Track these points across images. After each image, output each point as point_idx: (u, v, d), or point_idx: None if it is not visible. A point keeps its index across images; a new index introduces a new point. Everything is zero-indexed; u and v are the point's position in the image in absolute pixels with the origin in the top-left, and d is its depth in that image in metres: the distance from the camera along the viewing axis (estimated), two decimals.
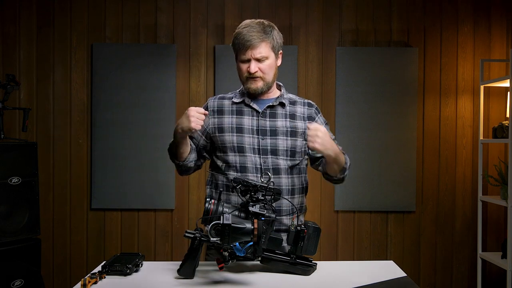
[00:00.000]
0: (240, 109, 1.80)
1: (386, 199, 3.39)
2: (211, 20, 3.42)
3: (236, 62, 1.79)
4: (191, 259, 1.48)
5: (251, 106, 1.78)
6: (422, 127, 3.45)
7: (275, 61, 1.78)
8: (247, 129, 1.76)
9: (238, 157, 1.74)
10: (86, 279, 1.40)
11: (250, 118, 1.77)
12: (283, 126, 1.77)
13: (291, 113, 1.81)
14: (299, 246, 1.52)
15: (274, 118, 1.78)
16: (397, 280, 1.51)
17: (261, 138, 1.75)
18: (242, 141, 1.75)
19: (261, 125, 1.76)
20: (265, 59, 1.72)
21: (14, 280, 2.73)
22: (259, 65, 1.72)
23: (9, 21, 3.37)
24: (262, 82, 1.75)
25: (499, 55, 3.45)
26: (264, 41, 1.71)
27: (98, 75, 3.36)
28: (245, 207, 1.49)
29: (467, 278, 3.47)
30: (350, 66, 3.39)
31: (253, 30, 1.70)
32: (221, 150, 1.79)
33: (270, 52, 1.73)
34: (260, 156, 1.74)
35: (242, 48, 1.71)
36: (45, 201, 3.35)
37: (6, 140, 2.89)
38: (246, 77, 1.75)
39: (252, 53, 1.70)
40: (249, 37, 1.69)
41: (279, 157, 1.75)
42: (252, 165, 1.73)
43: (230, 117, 1.79)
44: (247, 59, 1.72)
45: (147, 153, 3.35)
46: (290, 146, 1.77)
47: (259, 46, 1.70)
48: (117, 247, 3.39)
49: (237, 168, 1.74)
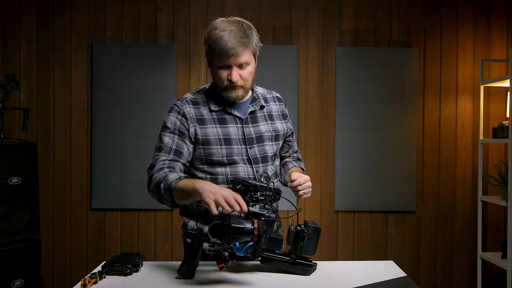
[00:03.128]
0: (221, 117, 1.66)
1: (386, 199, 3.39)
2: (211, 20, 3.41)
3: (211, 67, 1.64)
4: (191, 259, 1.48)
5: (233, 113, 1.67)
6: (422, 127, 3.45)
7: (254, 65, 1.65)
8: (234, 139, 1.65)
9: (228, 169, 1.65)
10: (86, 279, 1.40)
11: (235, 126, 1.66)
12: (267, 131, 1.71)
13: (268, 114, 1.75)
14: (299, 246, 1.52)
15: (256, 123, 1.70)
16: (397, 280, 1.51)
17: (248, 148, 1.66)
18: (231, 152, 1.64)
19: (246, 134, 1.66)
20: (247, 65, 1.60)
21: (14, 280, 2.73)
22: (239, 72, 1.59)
23: (9, 21, 3.37)
24: (242, 90, 1.62)
25: (499, 55, 3.45)
26: (247, 48, 1.57)
27: (98, 75, 3.36)
28: None
29: (467, 278, 3.47)
30: (350, 66, 3.39)
31: (234, 35, 1.55)
32: (204, 162, 1.66)
33: (251, 57, 1.61)
34: (252, 165, 1.66)
35: (223, 54, 1.55)
36: (45, 201, 3.35)
37: (6, 140, 2.89)
38: (226, 86, 1.61)
39: (234, 60, 1.56)
40: (233, 44, 1.54)
41: (269, 163, 1.71)
42: (245, 175, 1.65)
43: (214, 127, 1.64)
44: (227, 66, 1.58)
45: (147, 153, 3.32)
46: (275, 150, 1.75)
47: (243, 53, 1.56)
48: (117, 247, 3.39)
49: (228, 179, 1.64)
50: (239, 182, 1.49)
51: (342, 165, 3.37)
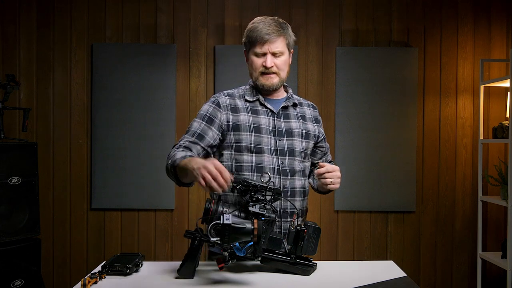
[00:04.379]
0: (255, 108, 1.73)
1: (386, 199, 3.39)
2: (211, 20, 3.42)
3: (249, 56, 1.73)
4: (191, 259, 1.48)
5: (266, 106, 1.74)
6: (422, 127, 3.45)
7: (289, 58, 1.75)
8: (264, 129, 1.70)
9: (254, 157, 1.69)
10: (86, 279, 1.40)
11: (267, 118, 1.72)
12: (298, 128, 1.75)
13: (301, 115, 1.80)
14: (299, 246, 1.52)
15: (288, 119, 1.75)
16: (397, 280, 1.51)
17: (278, 139, 1.71)
18: (260, 141, 1.69)
19: (277, 126, 1.72)
20: (281, 54, 1.69)
21: (14, 280, 2.73)
22: (274, 60, 1.68)
23: (9, 21, 3.37)
24: (278, 79, 1.71)
25: (499, 55, 3.45)
26: (281, 36, 1.68)
27: (98, 75, 3.36)
28: (245, 207, 1.49)
29: (467, 278, 3.47)
30: (350, 66, 3.39)
31: (270, 24, 1.67)
32: (233, 149, 1.70)
33: (285, 48, 1.70)
34: (278, 157, 1.70)
35: (259, 41, 1.66)
36: (45, 201, 3.35)
37: (6, 140, 2.89)
38: (261, 72, 1.70)
39: (269, 47, 1.66)
40: (268, 30, 1.66)
41: (296, 158, 1.72)
42: (270, 166, 1.68)
43: (246, 115, 1.71)
44: (263, 53, 1.68)
45: (147, 153, 3.34)
46: (304, 148, 1.75)
47: (277, 41, 1.67)
48: (117, 247, 3.39)
49: (252, 168, 1.69)
50: (239, 182, 1.49)
51: (342, 165, 3.36)
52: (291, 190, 1.72)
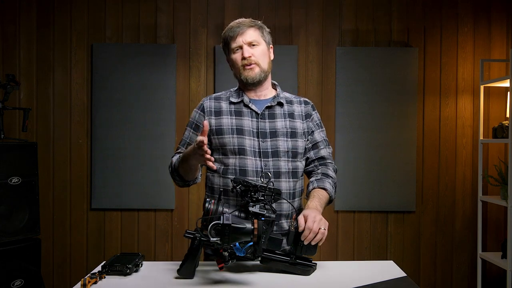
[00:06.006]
0: (239, 110, 1.74)
1: (386, 199, 3.39)
2: (211, 20, 3.42)
3: (229, 57, 1.77)
4: (191, 259, 1.48)
5: (250, 107, 1.73)
6: (422, 127, 3.45)
7: (268, 51, 1.76)
8: (247, 131, 1.70)
9: (238, 160, 1.68)
10: (86, 279, 1.40)
11: (250, 119, 1.72)
12: (283, 127, 1.73)
13: (289, 112, 1.77)
14: (299, 246, 1.52)
15: (273, 119, 1.74)
16: (397, 280, 1.51)
17: (261, 141, 1.70)
18: (243, 143, 1.69)
19: (260, 128, 1.71)
20: (257, 44, 1.72)
21: (14, 280, 2.73)
22: (251, 51, 1.70)
23: (9, 21, 3.37)
24: (259, 69, 1.72)
25: (499, 55, 3.45)
26: (252, 27, 1.72)
27: (98, 75, 3.36)
28: (245, 207, 1.49)
29: (467, 278, 3.47)
30: (350, 66, 3.39)
31: (240, 21, 1.74)
32: (220, 152, 1.72)
33: (260, 39, 1.73)
34: (261, 159, 1.68)
35: (232, 36, 1.71)
36: (45, 201, 3.35)
37: (6, 140, 2.89)
38: (242, 65, 1.72)
39: (242, 38, 1.70)
40: (238, 24, 1.72)
41: (281, 159, 1.70)
42: (253, 168, 1.67)
43: (229, 118, 1.73)
44: (239, 47, 1.71)
45: (147, 153, 3.34)
46: (291, 147, 1.72)
47: (248, 31, 1.71)
48: (117, 247, 3.39)
49: (236, 171, 1.68)
50: (240, 182, 1.49)
51: (342, 165, 3.36)
52: None
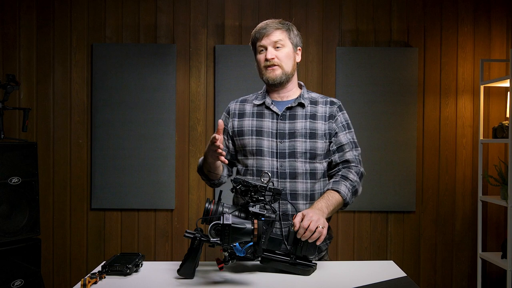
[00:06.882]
0: (261, 112, 1.77)
1: (386, 199, 3.39)
2: (211, 20, 3.42)
3: (255, 57, 1.79)
4: (191, 259, 1.48)
5: (271, 109, 1.76)
6: (422, 127, 3.45)
7: (293, 53, 1.77)
8: (266, 132, 1.74)
9: (255, 161, 1.73)
10: (86, 279, 1.40)
11: (270, 121, 1.75)
12: (302, 128, 1.73)
13: (311, 114, 1.76)
14: (299, 246, 1.52)
15: (293, 120, 1.74)
16: (397, 280, 1.51)
17: (279, 142, 1.72)
18: (261, 144, 1.72)
19: (279, 128, 1.73)
20: (282, 46, 1.73)
21: (14, 280, 2.73)
22: (275, 53, 1.72)
23: (9, 21, 3.37)
24: (281, 71, 1.73)
25: (499, 55, 3.45)
26: (280, 29, 1.73)
27: (98, 75, 3.36)
28: (245, 207, 1.49)
29: (467, 278, 3.47)
30: (350, 66, 3.39)
31: (268, 21, 1.76)
32: (242, 154, 1.79)
33: (286, 41, 1.74)
34: (278, 159, 1.71)
35: (258, 36, 1.73)
36: (45, 201, 3.35)
37: (6, 140, 2.89)
38: (264, 67, 1.74)
39: (268, 39, 1.72)
40: (265, 25, 1.74)
41: (297, 159, 1.71)
42: (269, 169, 1.70)
43: (250, 120, 1.77)
44: (264, 47, 1.73)
45: (147, 153, 3.34)
46: (309, 148, 1.72)
47: (275, 33, 1.72)
48: (117, 247, 3.39)
49: (253, 171, 1.72)
50: (240, 182, 1.49)
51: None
52: (291, 193, 1.71)
